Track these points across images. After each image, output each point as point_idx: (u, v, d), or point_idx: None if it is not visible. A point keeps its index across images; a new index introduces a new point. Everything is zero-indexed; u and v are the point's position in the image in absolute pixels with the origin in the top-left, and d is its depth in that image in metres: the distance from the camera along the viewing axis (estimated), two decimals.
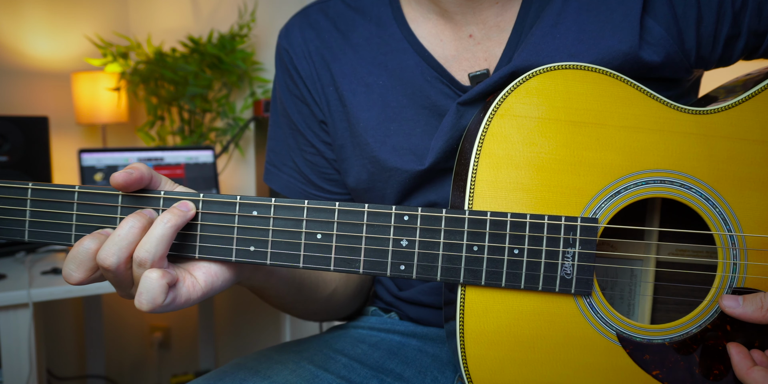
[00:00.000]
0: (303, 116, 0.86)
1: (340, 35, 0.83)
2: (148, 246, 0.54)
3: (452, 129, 0.73)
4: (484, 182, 0.62)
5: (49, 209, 0.60)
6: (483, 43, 0.77)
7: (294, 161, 0.89)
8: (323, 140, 0.86)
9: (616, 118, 0.64)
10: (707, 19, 0.71)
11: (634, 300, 0.71)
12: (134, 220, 0.55)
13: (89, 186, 0.60)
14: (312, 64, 0.83)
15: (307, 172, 0.88)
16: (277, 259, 0.60)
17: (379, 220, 0.60)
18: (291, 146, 0.89)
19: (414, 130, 0.78)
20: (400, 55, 0.79)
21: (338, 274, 0.86)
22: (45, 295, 1.56)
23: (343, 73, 0.81)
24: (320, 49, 0.83)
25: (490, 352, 0.62)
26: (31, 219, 0.60)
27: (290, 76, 0.86)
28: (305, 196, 0.89)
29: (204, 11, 2.41)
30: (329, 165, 0.87)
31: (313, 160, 0.88)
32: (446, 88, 0.77)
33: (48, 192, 0.60)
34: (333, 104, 0.82)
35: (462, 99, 0.73)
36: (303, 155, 0.88)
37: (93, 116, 2.15)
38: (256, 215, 0.60)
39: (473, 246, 0.60)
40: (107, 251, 0.54)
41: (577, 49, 0.70)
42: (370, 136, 0.79)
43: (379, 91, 0.79)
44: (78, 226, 0.60)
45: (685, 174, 0.64)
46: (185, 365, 2.60)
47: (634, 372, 0.63)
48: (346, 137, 0.82)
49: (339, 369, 0.76)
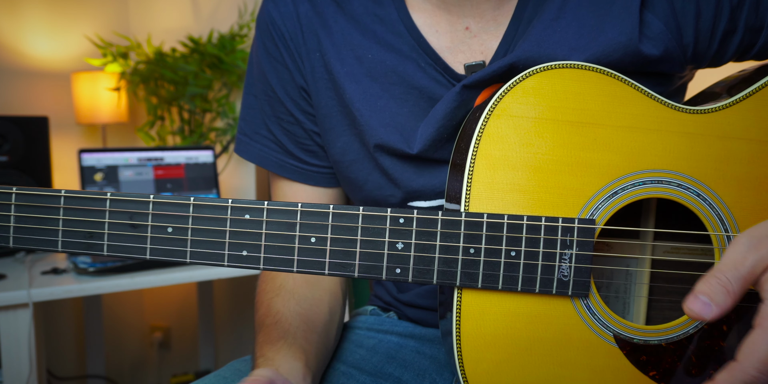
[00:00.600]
0: (282, 81, 0.82)
1: (334, 3, 0.80)
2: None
3: (445, 117, 0.72)
4: (481, 183, 0.62)
5: (35, 214, 0.59)
6: (479, 35, 0.76)
7: (269, 129, 0.84)
8: (303, 109, 0.82)
9: (613, 118, 0.63)
10: (705, 14, 0.71)
11: (629, 300, 0.71)
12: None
13: (76, 191, 0.59)
14: (298, 27, 0.80)
15: (285, 141, 0.84)
16: (270, 264, 0.59)
17: (374, 222, 0.59)
18: (266, 113, 0.84)
19: (401, 109, 0.76)
20: (395, 37, 0.77)
21: (339, 309, 0.83)
22: (45, 295, 1.56)
23: (333, 41, 0.78)
24: (310, 13, 0.80)
25: (487, 354, 0.62)
26: (15, 225, 0.59)
27: (271, 37, 0.82)
28: (281, 166, 0.85)
29: (204, 11, 2.41)
30: (308, 136, 0.83)
31: (291, 130, 0.83)
32: (439, 76, 0.76)
33: (33, 197, 0.59)
34: (318, 71, 0.79)
35: (466, 82, 0.71)
36: (280, 123, 0.84)
37: (93, 116, 2.16)
38: (249, 219, 0.59)
39: (470, 248, 0.60)
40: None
41: (578, 43, 0.70)
42: (356, 109, 0.77)
43: (369, 65, 0.77)
44: (64, 232, 0.59)
45: (682, 174, 0.64)
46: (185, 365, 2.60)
47: (632, 373, 0.63)
48: (332, 106, 0.79)
49: (338, 377, 0.75)
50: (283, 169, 0.84)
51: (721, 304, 0.51)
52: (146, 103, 2.22)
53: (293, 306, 0.76)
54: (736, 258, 0.52)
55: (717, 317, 0.52)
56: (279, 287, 0.79)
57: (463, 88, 0.71)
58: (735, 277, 0.52)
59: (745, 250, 0.52)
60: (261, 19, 0.83)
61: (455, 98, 0.71)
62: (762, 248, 0.52)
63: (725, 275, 0.52)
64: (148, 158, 1.96)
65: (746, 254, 0.52)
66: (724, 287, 0.51)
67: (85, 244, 0.59)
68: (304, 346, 0.71)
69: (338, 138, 0.80)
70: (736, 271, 0.52)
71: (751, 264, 0.52)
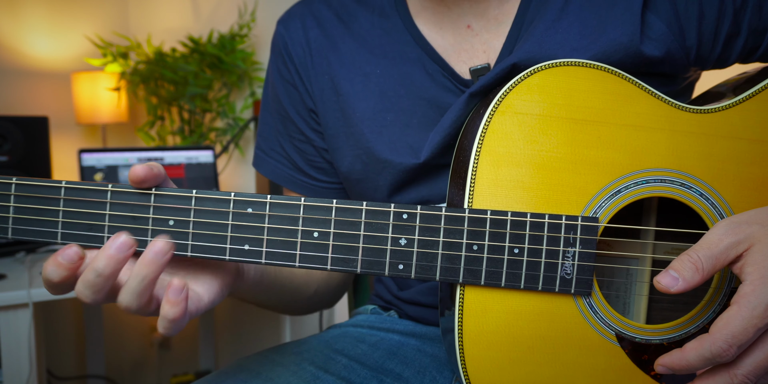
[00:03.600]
0: (293, 102, 0.86)
1: (342, 25, 0.82)
2: (126, 296, 0.53)
3: (451, 125, 0.73)
4: (484, 180, 0.62)
5: (35, 205, 0.58)
6: (482, 35, 0.77)
7: (282, 147, 0.88)
8: (313, 128, 0.86)
9: (617, 116, 0.63)
10: (708, 17, 0.71)
11: (629, 299, 0.70)
12: (103, 265, 0.52)
13: (77, 182, 0.58)
14: (308, 52, 0.83)
15: (296, 158, 0.88)
16: (272, 258, 0.59)
17: (377, 218, 0.59)
18: (280, 131, 0.88)
19: (411, 120, 0.77)
20: (402, 47, 0.79)
21: (320, 274, 0.86)
22: (45, 295, 1.56)
23: (342, 62, 0.81)
24: (319, 37, 0.83)
25: (489, 352, 0.62)
26: (15, 215, 0.58)
27: (283, 61, 0.85)
28: (293, 182, 0.88)
29: (204, 11, 2.41)
30: (318, 154, 0.87)
31: (302, 148, 0.87)
32: (448, 82, 0.77)
33: (33, 187, 0.58)
34: (326, 93, 0.82)
35: (473, 89, 0.72)
36: (292, 141, 0.87)
37: (93, 116, 2.15)
38: (251, 212, 0.58)
39: (473, 245, 0.60)
40: (82, 292, 0.54)
41: (579, 44, 0.70)
42: (365, 126, 0.79)
43: (377, 81, 0.79)
44: (64, 224, 0.58)
45: (685, 173, 0.63)
46: (185, 365, 2.59)
47: (633, 372, 0.63)
48: (338, 127, 0.81)
49: (339, 370, 0.76)
50: (294, 184, 0.89)
51: (688, 279, 0.55)
52: (146, 103, 2.22)
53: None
54: (712, 239, 0.56)
55: (682, 291, 0.55)
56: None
57: (470, 96, 0.72)
58: (706, 256, 0.55)
59: (722, 233, 0.56)
60: (274, 42, 0.88)
61: (462, 106, 0.72)
62: (740, 233, 0.55)
63: (697, 254, 0.55)
64: (148, 158, 1.96)
65: (722, 237, 0.55)
66: (694, 264, 0.55)
67: (85, 236, 0.58)
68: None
69: (345, 157, 0.82)
70: (709, 251, 0.55)
71: (726, 246, 0.55)
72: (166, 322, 0.53)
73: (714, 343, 0.52)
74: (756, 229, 0.55)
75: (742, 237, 0.55)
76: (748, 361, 0.54)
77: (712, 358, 0.53)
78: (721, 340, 0.52)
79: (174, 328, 0.54)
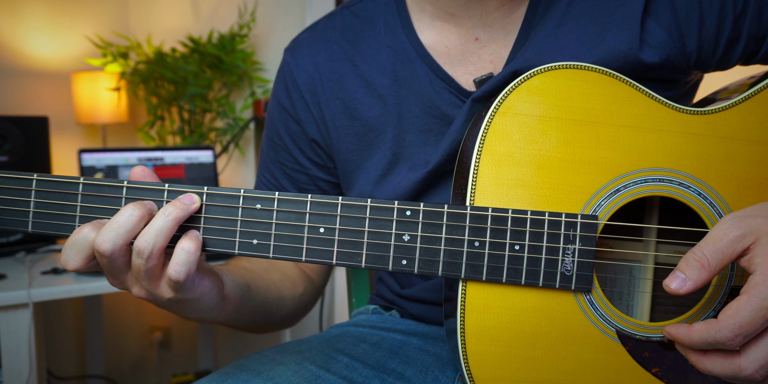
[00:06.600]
0: (290, 131, 0.86)
1: (350, 46, 0.82)
2: (147, 237, 0.55)
3: (457, 131, 0.74)
4: (486, 178, 0.63)
5: (54, 200, 0.60)
6: (489, 45, 0.78)
7: (272, 173, 0.91)
8: (309, 157, 0.86)
9: (616, 118, 0.64)
10: (709, 23, 0.72)
11: (632, 298, 0.71)
12: (133, 208, 0.56)
13: (94, 178, 0.60)
14: (317, 77, 0.83)
15: (286, 185, 0.89)
16: (279, 252, 0.60)
17: (381, 214, 0.60)
18: (271, 157, 0.90)
19: (428, 139, 0.78)
20: (409, 65, 0.79)
21: (290, 300, 0.85)
22: (45, 295, 1.56)
23: (354, 85, 0.81)
24: (328, 61, 0.83)
25: (491, 348, 0.62)
26: (35, 210, 0.61)
27: (285, 89, 0.86)
28: None
29: (204, 11, 2.42)
30: (311, 182, 0.88)
31: (295, 176, 0.88)
32: (454, 98, 0.77)
33: (52, 183, 0.60)
34: (338, 117, 0.82)
35: (475, 95, 0.73)
36: (283, 169, 0.89)
37: (93, 116, 2.15)
38: (260, 208, 0.60)
39: (474, 241, 0.61)
40: (104, 237, 0.55)
41: (578, 50, 0.71)
42: (387, 148, 0.80)
43: (393, 103, 0.79)
44: (82, 218, 0.60)
45: (684, 173, 0.64)
46: (185, 365, 2.59)
47: (634, 369, 0.63)
48: (352, 151, 0.82)
49: (341, 369, 0.76)
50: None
51: (695, 278, 0.55)
52: (146, 103, 2.22)
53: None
54: (717, 234, 0.55)
55: (691, 290, 0.55)
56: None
57: (473, 102, 0.73)
58: (712, 252, 0.55)
59: (726, 228, 0.55)
60: (280, 70, 0.88)
61: (466, 112, 0.73)
62: (745, 226, 0.55)
63: (702, 251, 0.55)
64: (148, 158, 1.96)
65: (727, 231, 0.55)
66: (699, 261, 0.55)
67: None
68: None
69: (358, 179, 0.82)
70: (714, 246, 0.55)
71: (731, 239, 0.55)
72: (180, 251, 0.56)
73: (720, 331, 0.53)
74: (761, 221, 0.55)
75: (748, 230, 0.55)
76: (756, 353, 0.54)
77: (714, 344, 0.54)
78: (727, 328, 0.53)
79: (186, 263, 0.56)
